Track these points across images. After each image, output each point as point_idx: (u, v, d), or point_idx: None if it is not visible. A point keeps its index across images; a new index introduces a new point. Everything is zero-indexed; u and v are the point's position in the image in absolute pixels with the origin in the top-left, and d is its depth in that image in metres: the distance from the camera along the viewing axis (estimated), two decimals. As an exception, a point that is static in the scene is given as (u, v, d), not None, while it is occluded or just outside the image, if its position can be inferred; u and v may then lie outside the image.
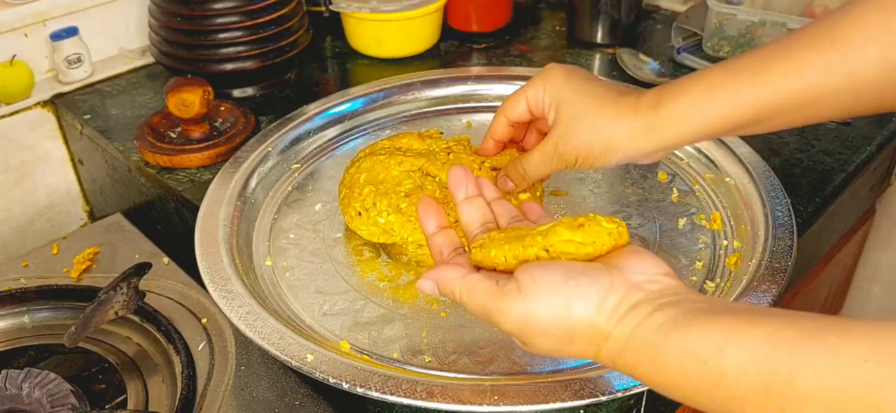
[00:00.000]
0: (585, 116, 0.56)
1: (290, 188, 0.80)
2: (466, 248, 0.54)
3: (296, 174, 0.81)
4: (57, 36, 0.96)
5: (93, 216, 1.07)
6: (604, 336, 0.42)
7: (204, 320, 0.67)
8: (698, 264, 0.67)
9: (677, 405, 0.70)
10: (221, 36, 0.92)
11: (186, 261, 0.71)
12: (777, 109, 0.51)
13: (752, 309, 0.39)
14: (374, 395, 0.53)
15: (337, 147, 0.86)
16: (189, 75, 0.87)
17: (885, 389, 0.32)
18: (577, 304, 0.42)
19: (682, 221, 0.72)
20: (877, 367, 0.32)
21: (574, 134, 0.57)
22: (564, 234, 0.45)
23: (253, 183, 0.77)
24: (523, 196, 0.70)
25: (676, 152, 0.81)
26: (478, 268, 0.49)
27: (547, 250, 0.46)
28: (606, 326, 0.42)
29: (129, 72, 1.04)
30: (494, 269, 0.48)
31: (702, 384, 0.38)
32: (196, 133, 0.85)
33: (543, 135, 0.62)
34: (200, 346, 0.64)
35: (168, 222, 0.86)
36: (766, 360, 0.35)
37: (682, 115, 0.53)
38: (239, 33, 0.92)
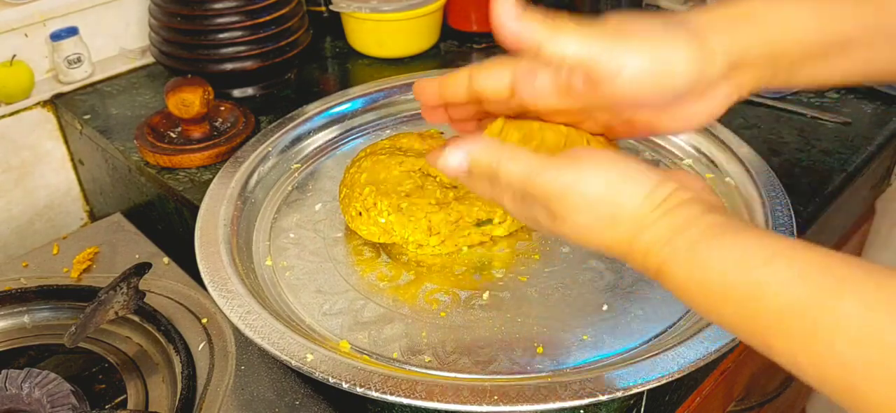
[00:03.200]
0: (641, 20, 0.43)
1: (290, 188, 0.80)
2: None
3: (296, 174, 0.81)
4: (57, 36, 0.96)
5: (93, 216, 1.07)
6: (644, 226, 0.40)
7: (204, 320, 0.67)
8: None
9: (677, 405, 0.70)
10: (221, 36, 0.92)
11: (186, 261, 0.71)
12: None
13: (804, 241, 0.37)
14: (374, 394, 0.53)
15: (337, 147, 0.86)
16: (189, 75, 0.87)
17: None
18: (630, 185, 0.40)
19: (682, 221, 0.72)
20: None
21: (621, 22, 0.43)
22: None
23: (253, 183, 0.77)
24: None
25: (676, 152, 0.81)
26: None
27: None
28: (651, 216, 0.40)
29: (129, 72, 1.04)
30: None
31: (737, 294, 0.36)
32: (196, 133, 0.85)
33: None
34: (200, 346, 0.64)
35: (168, 222, 0.86)
36: (813, 281, 0.34)
37: (766, 12, 0.44)
38: (239, 33, 0.92)
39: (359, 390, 0.53)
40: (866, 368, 0.32)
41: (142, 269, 0.67)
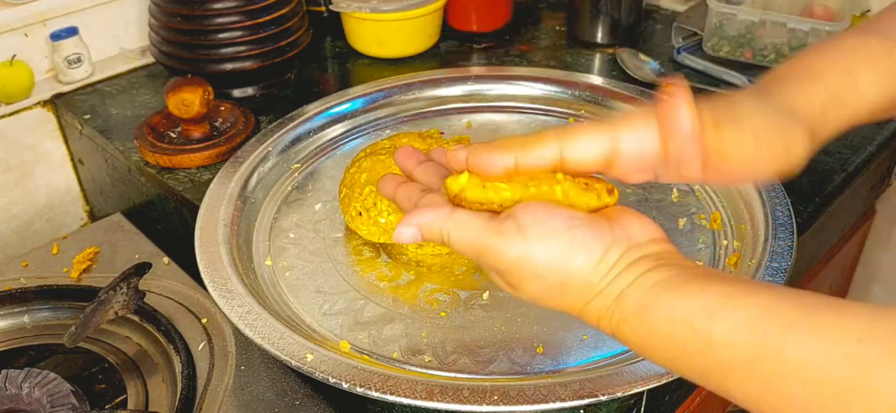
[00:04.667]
0: (742, 95, 0.45)
1: (290, 188, 0.80)
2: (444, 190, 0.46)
3: (296, 174, 0.81)
4: (57, 36, 0.96)
5: (93, 216, 1.07)
6: (596, 291, 0.40)
7: (204, 320, 0.67)
8: (698, 264, 0.67)
9: (677, 405, 0.70)
10: (221, 36, 0.92)
11: (186, 261, 0.71)
12: None
13: (748, 280, 0.37)
14: (374, 394, 0.53)
15: (337, 147, 0.86)
16: (189, 75, 0.87)
17: (875, 370, 0.31)
18: (579, 255, 0.40)
19: (682, 221, 0.72)
20: (870, 347, 0.31)
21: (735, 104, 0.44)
22: (568, 183, 0.42)
23: (253, 183, 0.77)
24: None
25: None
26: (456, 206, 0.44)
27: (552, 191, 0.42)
28: (600, 283, 0.40)
29: (129, 72, 1.04)
30: (479, 206, 0.43)
31: (687, 349, 0.36)
32: (196, 133, 0.85)
33: None
34: (200, 346, 0.64)
35: (168, 222, 0.86)
36: (757, 330, 0.34)
37: (846, 89, 0.46)
38: (239, 33, 0.92)
39: (359, 390, 0.53)
40: (824, 407, 0.32)
41: (142, 269, 0.67)
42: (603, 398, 0.52)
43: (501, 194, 0.43)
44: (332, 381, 0.54)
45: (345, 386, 0.54)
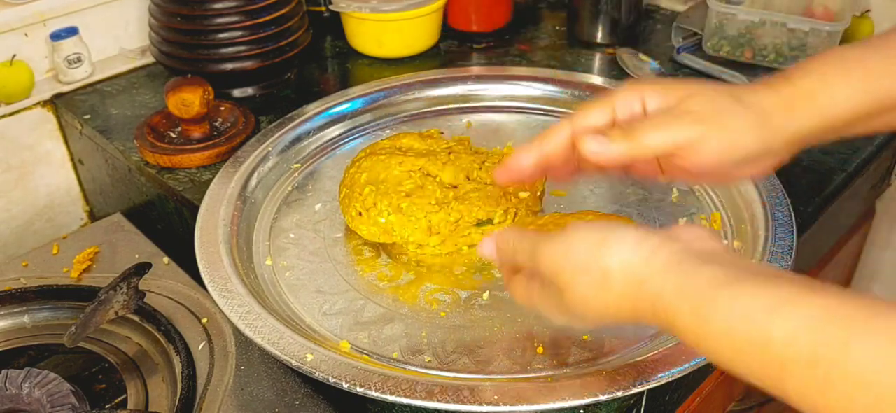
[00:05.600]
0: (718, 93, 0.49)
1: (290, 188, 0.80)
2: None
3: (296, 174, 0.81)
4: (57, 36, 0.96)
5: (93, 216, 1.07)
6: (641, 280, 0.41)
7: (204, 320, 0.67)
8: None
9: (677, 405, 0.70)
10: (221, 36, 0.92)
11: (186, 261, 0.71)
12: None
13: (808, 280, 0.37)
14: (374, 394, 0.53)
15: (337, 147, 0.86)
16: (189, 75, 0.87)
17: None
18: (612, 245, 0.42)
19: (682, 221, 0.72)
20: None
21: (696, 94, 0.49)
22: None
23: (253, 183, 0.77)
24: (522, 194, 0.70)
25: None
26: None
27: None
28: (643, 270, 0.41)
29: (129, 72, 1.04)
30: None
31: (745, 345, 0.36)
32: (196, 133, 0.85)
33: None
34: (200, 346, 0.64)
35: (168, 222, 0.86)
36: (820, 330, 0.34)
37: (820, 91, 0.48)
38: (239, 33, 0.92)
39: (359, 390, 0.53)
40: (885, 409, 0.32)
41: (142, 269, 0.67)
42: (603, 398, 0.52)
43: (560, 223, 0.53)
44: (331, 381, 0.54)
45: (345, 386, 0.54)
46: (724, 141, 0.47)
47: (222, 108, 0.90)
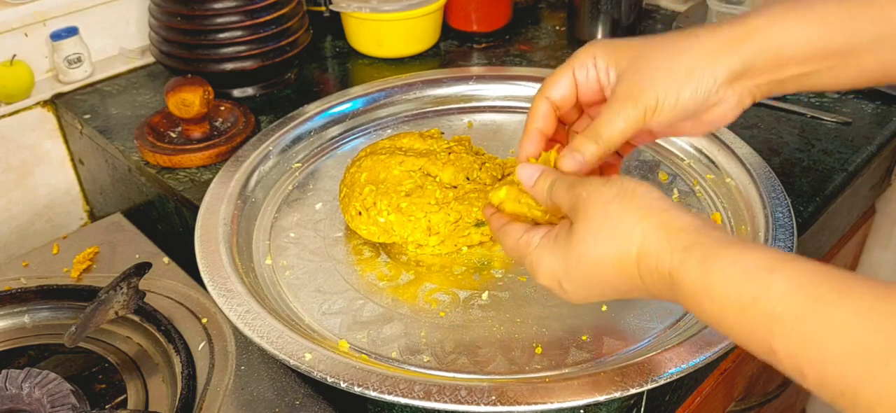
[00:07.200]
0: (654, 53, 0.50)
1: (290, 187, 0.80)
2: None
3: (296, 173, 0.82)
4: (57, 36, 0.97)
5: (93, 216, 1.07)
6: (647, 233, 0.43)
7: (204, 320, 0.67)
8: None
9: (677, 405, 0.70)
10: (221, 36, 0.92)
11: (186, 261, 0.71)
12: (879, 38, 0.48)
13: (802, 257, 0.39)
14: (373, 394, 0.53)
15: (337, 146, 0.86)
16: (189, 75, 0.87)
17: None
18: (630, 199, 0.44)
19: (681, 221, 0.72)
20: None
21: (647, 69, 0.50)
22: None
23: (253, 182, 0.77)
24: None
25: (677, 153, 0.81)
26: None
27: None
28: (653, 223, 0.43)
29: (129, 72, 1.04)
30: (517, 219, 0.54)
31: (742, 301, 0.38)
32: (196, 133, 0.85)
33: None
34: (200, 346, 0.65)
35: (168, 222, 0.86)
36: (813, 290, 0.36)
37: (769, 26, 0.48)
38: (239, 33, 0.92)
39: (357, 389, 0.53)
40: (862, 373, 0.33)
41: (142, 269, 0.67)
42: (602, 398, 0.52)
43: (533, 211, 0.53)
44: (330, 380, 0.54)
45: (343, 385, 0.54)
46: (676, 103, 0.49)
47: (222, 108, 0.90)
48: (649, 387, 0.53)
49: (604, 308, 0.63)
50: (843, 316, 0.34)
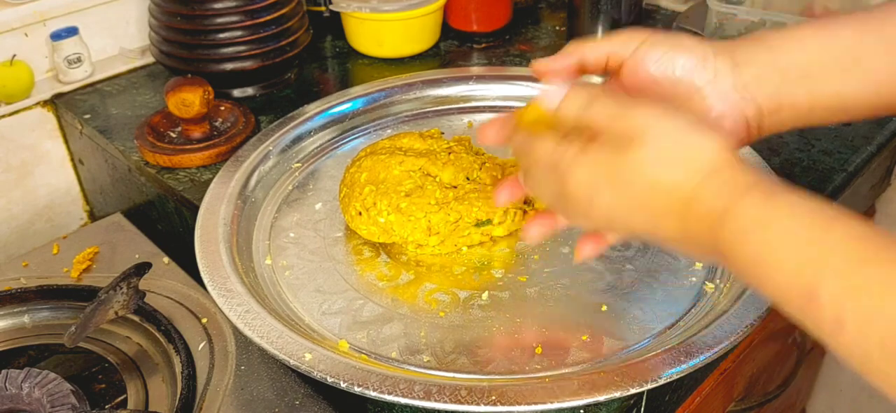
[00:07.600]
0: (668, 37, 0.53)
1: (290, 187, 0.80)
2: None
3: (296, 173, 0.82)
4: (57, 36, 0.97)
5: (93, 216, 1.07)
6: (716, 169, 0.43)
7: (204, 320, 0.67)
8: (698, 265, 0.67)
9: (677, 405, 0.70)
10: (221, 36, 0.92)
11: (186, 261, 0.71)
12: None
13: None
14: (372, 394, 0.53)
15: (337, 146, 0.86)
16: (189, 75, 0.87)
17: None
18: (706, 132, 0.44)
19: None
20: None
21: (655, 36, 0.53)
22: None
23: (253, 182, 0.77)
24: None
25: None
26: None
27: None
28: (723, 159, 0.43)
29: (129, 72, 1.04)
30: None
31: (799, 235, 0.39)
32: (196, 133, 0.85)
33: None
34: (200, 346, 0.65)
35: (168, 222, 0.86)
36: (870, 242, 0.37)
37: (769, 52, 0.51)
38: (239, 33, 0.92)
39: (357, 389, 0.53)
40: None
41: (142, 268, 0.67)
42: (603, 398, 0.52)
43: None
44: (329, 380, 0.54)
45: (343, 385, 0.54)
46: (669, 48, 0.51)
47: (222, 108, 0.90)
48: (649, 387, 0.53)
49: (604, 308, 0.63)
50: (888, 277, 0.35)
